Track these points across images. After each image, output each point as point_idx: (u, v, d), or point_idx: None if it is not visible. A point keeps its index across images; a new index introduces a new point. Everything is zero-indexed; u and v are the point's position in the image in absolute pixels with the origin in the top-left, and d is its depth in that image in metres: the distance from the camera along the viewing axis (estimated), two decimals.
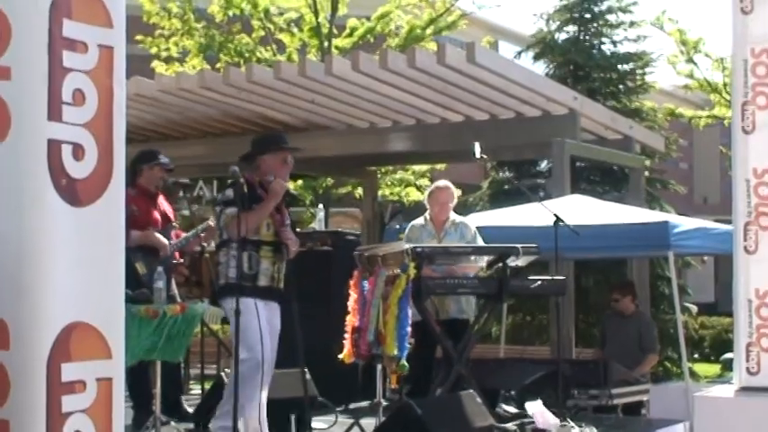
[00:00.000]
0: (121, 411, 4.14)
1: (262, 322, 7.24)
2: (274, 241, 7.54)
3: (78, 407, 3.95)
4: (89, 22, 4.06)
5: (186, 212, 9.97)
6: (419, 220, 9.80)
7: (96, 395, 4.01)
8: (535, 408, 7.99)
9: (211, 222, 8.82)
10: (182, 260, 9.61)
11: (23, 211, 3.86)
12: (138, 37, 19.56)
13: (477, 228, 10.02)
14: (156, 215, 9.12)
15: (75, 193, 3.96)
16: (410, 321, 8.04)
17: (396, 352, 7.87)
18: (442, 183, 10.12)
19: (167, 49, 19.78)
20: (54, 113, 3.92)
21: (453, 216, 9.81)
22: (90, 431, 3.97)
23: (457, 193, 9.99)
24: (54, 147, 3.91)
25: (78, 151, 3.99)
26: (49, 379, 3.86)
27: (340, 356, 8.20)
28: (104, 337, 4.04)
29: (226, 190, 7.46)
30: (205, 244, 9.43)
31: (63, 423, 3.89)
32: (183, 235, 9.31)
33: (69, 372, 3.91)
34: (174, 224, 9.35)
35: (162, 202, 9.31)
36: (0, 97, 3.91)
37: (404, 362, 7.93)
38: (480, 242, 9.68)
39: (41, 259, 3.85)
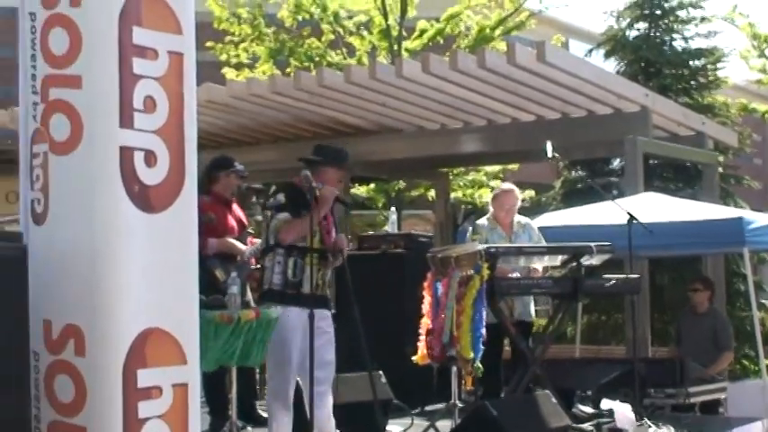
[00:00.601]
0: (197, 417, 4.16)
1: (295, 336, 7.22)
2: (320, 248, 7.51)
3: (154, 412, 3.98)
4: (159, 29, 4.08)
5: (260, 218, 9.98)
6: (483, 221, 9.76)
7: (172, 401, 4.03)
8: (617, 406, 7.91)
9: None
10: (258, 266, 9.65)
11: (97, 217, 3.89)
12: (209, 44, 19.69)
13: (551, 227, 9.97)
14: (232, 222, 9.16)
15: (147, 199, 3.99)
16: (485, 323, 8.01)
17: (471, 354, 7.84)
18: (506, 186, 10.09)
19: (237, 56, 19.87)
20: (126, 120, 3.95)
21: (518, 217, 9.79)
22: None
23: (521, 195, 9.94)
24: (126, 154, 3.94)
25: (150, 158, 4.01)
26: (125, 385, 3.89)
27: (414, 359, 8.19)
28: (179, 343, 4.06)
29: (277, 194, 7.46)
30: None
31: (140, 429, 3.92)
32: (259, 241, 9.34)
33: (145, 378, 3.94)
34: (248, 230, 9.38)
35: (237, 208, 9.36)
36: (72, 105, 3.95)
37: (478, 363, 7.90)
38: (544, 242, 9.66)
39: (115, 266, 3.88)
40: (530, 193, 23.51)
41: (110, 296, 3.88)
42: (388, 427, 7.88)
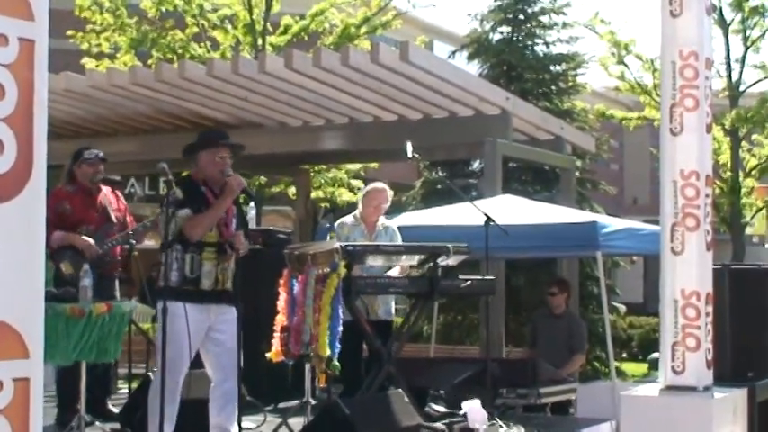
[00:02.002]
0: (40, 412, 4.05)
1: (190, 329, 7.08)
2: (217, 242, 7.43)
3: None
4: (9, 14, 3.98)
5: None
6: (349, 218, 9.79)
7: (13, 395, 3.92)
8: (470, 405, 7.97)
9: (147, 223, 8.76)
10: (119, 258, 9.51)
11: None
12: (69, 32, 19.37)
13: (409, 227, 10.01)
14: (93, 213, 9.03)
15: None
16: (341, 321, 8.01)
17: (328, 351, 7.83)
18: (379, 185, 10.12)
19: (98, 45, 19.60)
20: None
21: (383, 219, 9.82)
22: (7, 431, 3.90)
23: (391, 195, 9.98)
24: None
25: None
26: None
27: (268, 355, 8.15)
28: (22, 337, 3.96)
29: (173, 190, 7.13)
30: (134, 241, 9.33)
31: None
32: (130, 229, 9.20)
33: None
34: (113, 223, 9.21)
35: (105, 198, 9.21)
36: None
37: (335, 362, 7.90)
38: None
39: None
40: (389, 192, 23.64)
41: None
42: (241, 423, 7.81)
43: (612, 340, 11.60)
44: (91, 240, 8.81)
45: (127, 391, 10.51)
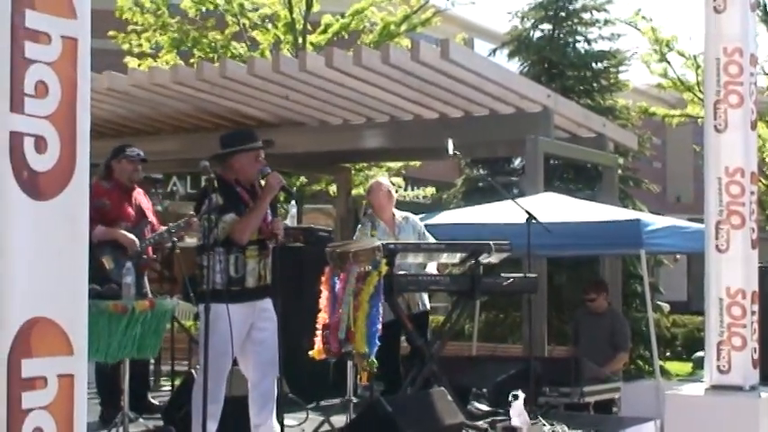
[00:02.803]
0: (84, 408, 4.07)
1: (233, 329, 7.05)
2: (259, 239, 7.42)
3: (39, 403, 3.88)
4: (52, 12, 3.99)
5: (159, 208, 9.90)
6: (367, 219, 9.77)
7: (57, 392, 3.94)
8: (513, 404, 7.93)
9: (195, 219, 8.77)
10: (154, 256, 9.56)
11: None
12: (111, 32, 19.46)
13: (451, 225, 9.99)
14: (130, 210, 9.07)
15: (36, 186, 3.89)
16: (381, 319, 7.99)
17: (366, 349, 7.82)
18: (374, 182, 10.16)
19: (140, 45, 19.67)
20: (16, 105, 3.85)
21: (397, 212, 9.81)
22: (51, 428, 3.91)
23: (389, 187, 9.97)
24: (16, 139, 3.84)
25: (41, 144, 3.92)
26: (9, 375, 3.79)
27: (310, 353, 8.15)
28: (66, 334, 3.98)
29: (211, 196, 6.97)
30: (176, 239, 9.37)
31: (23, 419, 3.82)
32: (159, 230, 9.25)
33: (30, 368, 3.85)
34: (148, 221, 9.27)
35: (139, 196, 9.27)
36: None
37: (373, 359, 7.89)
38: (429, 235, 9.80)
39: (2, 254, 3.79)
40: (431, 190, 23.64)
41: None
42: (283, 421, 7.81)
43: (657, 339, 11.55)
44: (133, 236, 8.85)
45: (170, 388, 10.56)
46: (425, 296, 9.84)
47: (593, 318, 12.01)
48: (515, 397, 7.83)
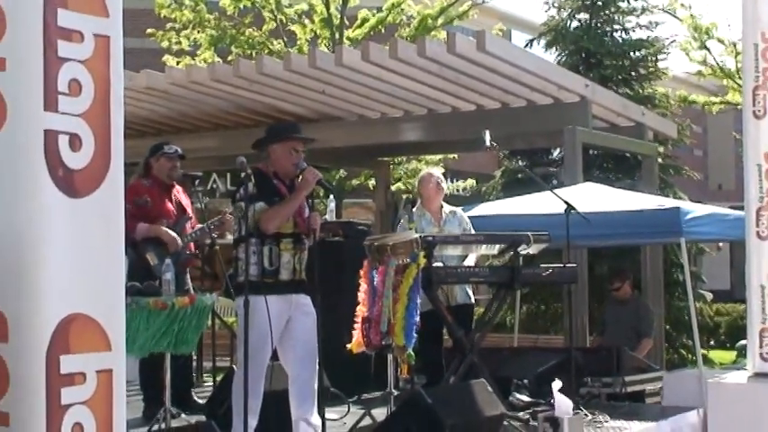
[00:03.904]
0: (123, 403, 4.11)
1: (272, 324, 7.11)
2: (293, 233, 7.46)
3: (78, 399, 3.93)
4: (84, 11, 4.03)
5: (199, 205, 9.94)
6: (414, 209, 9.80)
7: (96, 387, 3.99)
8: (556, 394, 7.91)
9: (229, 216, 8.80)
10: (196, 252, 9.61)
11: (20, 202, 3.84)
12: (150, 30, 19.56)
13: (490, 216, 9.97)
14: (170, 207, 9.13)
15: (72, 183, 3.93)
16: (419, 311, 8.00)
17: (404, 342, 7.84)
18: (426, 172, 10.17)
19: (179, 43, 19.76)
20: (50, 104, 3.89)
21: (446, 206, 9.82)
22: (90, 423, 3.95)
23: (440, 178, 9.98)
24: (50, 137, 3.89)
25: (75, 141, 3.96)
26: (48, 371, 3.84)
27: (349, 346, 8.17)
28: (104, 329, 4.02)
29: (245, 185, 7.18)
30: (215, 235, 9.41)
31: (63, 415, 3.87)
32: (198, 226, 9.31)
33: (68, 364, 3.90)
34: (189, 217, 9.33)
35: (178, 193, 9.32)
36: None
37: (411, 352, 7.90)
38: (474, 231, 9.75)
39: (39, 251, 3.83)
40: (471, 182, 23.62)
41: (33, 281, 3.82)
42: (326, 415, 7.83)
43: (699, 328, 11.46)
44: (174, 234, 8.90)
45: (212, 384, 10.61)
46: (469, 289, 9.84)
47: (619, 306, 12.07)
48: (554, 387, 7.82)
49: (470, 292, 9.85)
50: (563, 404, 7.78)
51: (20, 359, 3.84)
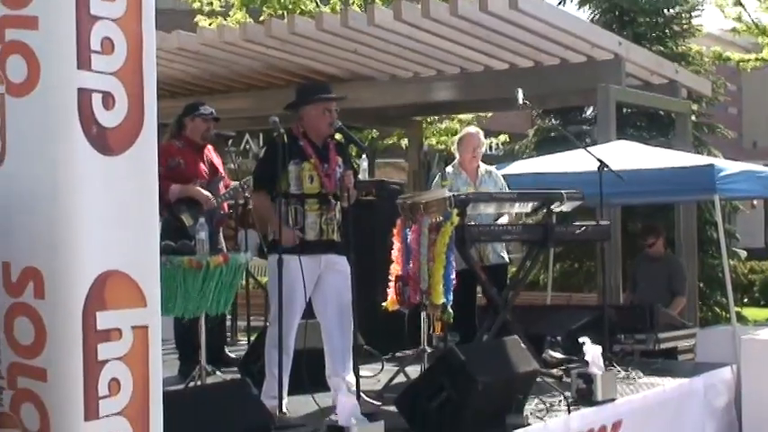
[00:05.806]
0: (159, 359, 4.15)
1: (298, 282, 7.20)
2: (319, 193, 7.48)
3: (114, 354, 3.97)
4: None
5: (232, 166, 9.97)
6: (449, 168, 9.79)
7: (132, 343, 4.02)
8: (589, 348, 7.91)
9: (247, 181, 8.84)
10: (230, 212, 9.64)
11: (55, 160, 3.87)
12: None
13: (523, 174, 9.96)
14: (203, 167, 9.15)
15: (106, 141, 3.96)
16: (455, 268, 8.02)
17: (443, 300, 7.86)
18: (471, 129, 10.12)
19: (210, 3, 19.74)
20: (83, 62, 3.91)
21: (483, 165, 9.81)
22: (127, 378, 3.99)
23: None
24: (84, 96, 3.90)
25: (108, 100, 3.98)
26: (84, 327, 3.88)
27: (384, 305, 8.20)
28: (139, 286, 4.05)
29: (276, 144, 7.26)
30: (248, 195, 9.44)
31: (100, 370, 3.91)
32: (231, 185, 9.34)
33: (105, 320, 3.93)
34: (222, 176, 9.36)
35: (210, 153, 9.34)
36: (28, 47, 3.91)
37: (450, 310, 7.93)
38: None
39: (74, 208, 3.86)
40: (503, 137, 23.57)
41: (69, 239, 3.86)
42: (360, 372, 7.86)
43: (733, 286, 11.44)
44: (208, 192, 8.94)
45: (246, 342, 10.68)
46: (503, 250, 9.83)
47: (651, 263, 12.04)
48: (585, 344, 7.83)
49: (504, 254, 9.84)
50: (596, 360, 7.80)
51: (56, 315, 3.88)
